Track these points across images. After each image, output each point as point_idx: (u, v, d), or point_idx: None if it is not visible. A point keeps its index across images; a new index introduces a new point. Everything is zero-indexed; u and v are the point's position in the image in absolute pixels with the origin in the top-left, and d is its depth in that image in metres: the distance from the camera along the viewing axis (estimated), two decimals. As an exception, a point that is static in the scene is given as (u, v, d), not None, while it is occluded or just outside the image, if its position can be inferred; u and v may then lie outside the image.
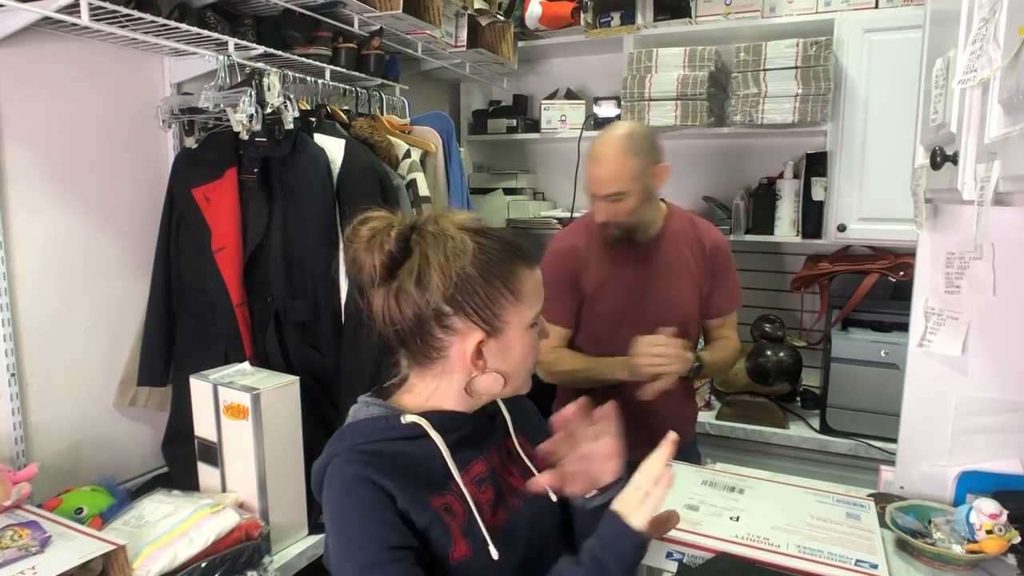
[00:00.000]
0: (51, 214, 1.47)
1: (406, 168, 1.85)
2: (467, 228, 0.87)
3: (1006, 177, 0.71)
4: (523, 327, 0.89)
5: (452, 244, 0.85)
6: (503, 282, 0.86)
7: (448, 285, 0.83)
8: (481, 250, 0.85)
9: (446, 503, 0.86)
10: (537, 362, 1.47)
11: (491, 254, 0.86)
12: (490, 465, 0.94)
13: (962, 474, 1.36)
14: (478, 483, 0.91)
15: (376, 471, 0.83)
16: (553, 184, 3.02)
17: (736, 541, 1.18)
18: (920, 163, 1.20)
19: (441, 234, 0.86)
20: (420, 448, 0.88)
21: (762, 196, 2.48)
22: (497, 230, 0.92)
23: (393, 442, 0.87)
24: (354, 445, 0.87)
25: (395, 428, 0.88)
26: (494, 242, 0.87)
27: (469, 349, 0.86)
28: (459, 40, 2.28)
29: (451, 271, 0.83)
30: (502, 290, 0.86)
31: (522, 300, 0.88)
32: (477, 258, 0.85)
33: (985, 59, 0.76)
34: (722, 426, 2.30)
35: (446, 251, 0.84)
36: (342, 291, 1.60)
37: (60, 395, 1.51)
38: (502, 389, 0.92)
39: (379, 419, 0.90)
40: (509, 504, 0.94)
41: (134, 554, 1.15)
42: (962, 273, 1.35)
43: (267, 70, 1.57)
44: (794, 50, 2.16)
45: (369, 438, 0.88)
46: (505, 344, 0.88)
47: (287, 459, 1.42)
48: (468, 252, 0.84)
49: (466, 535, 0.86)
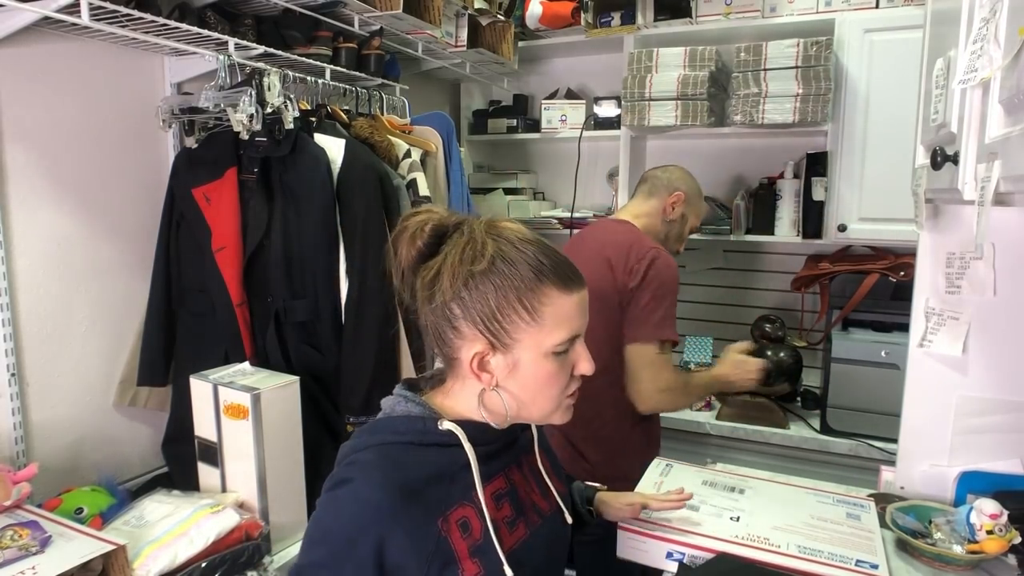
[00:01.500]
0: (51, 214, 1.47)
1: (406, 168, 1.85)
2: (503, 236, 0.84)
3: (1006, 177, 0.71)
4: (540, 351, 0.83)
5: (472, 247, 0.83)
6: (519, 297, 0.82)
7: (456, 287, 0.82)
8: (504, 259, 0.82)
9: (463, 518, 0.83)
10: (664, 389, 1.60)
11: (514, 266, 0.82)
12: (510, 482, 0.93)
13: (962, 474, 1.36)
14: (496, 499, 0.89)
15: (393, 492, 0.78)
16: (553, 184, 3.02)
17: (736, 541, 1.18)
18: (920, 163, 1.20)
19: (471, 236, 0.84)
20: (449, 458, 0.85)
21: (762, 196, 2.48)
22: (544, 247, 0.85)
23: (425, 448, 0.84)
24: (386, 442, 0.84)
25: (431, 433, 0.85)
26: (525, 255, 0.83)
27: (471, 357, 0.84)
28: (459, 40, 2.28)
29: (461, 273, 0.82)
30: (515, 305, 0.82)
31: (540, 321, 0.82)
32: (495, 266, 0.82)
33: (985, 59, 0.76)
34: (722, 426, 2.30)
35: (463, 253, 0.83)
36: (342, 291, 1.60)
37: (60, 395, 1.51)
38: (518, 413, 0.88)
39: (416, 419, 0.87)
40: (529, 520, 0.92)
41: (134, 554, 1.15)
42: (962, 273, 1.35)
43: (267, 70, 1.57)
44: (794, 50, 2.16)
45: (403, 437, 0.85)
46: (513, 363, 0.84)
47: (287, 459, 1.42)
48: (486, 258, 0.82)
49: (477, 555, 0.82)
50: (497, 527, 0.85)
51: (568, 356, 0.86)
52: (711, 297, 2.80)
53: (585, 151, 2.72)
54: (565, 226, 2.73)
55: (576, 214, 2.74)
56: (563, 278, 0.83)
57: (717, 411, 2.36)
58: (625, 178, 2.60)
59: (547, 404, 0.87)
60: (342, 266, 1.60)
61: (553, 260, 0.84)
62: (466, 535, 0.82)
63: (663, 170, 1.84)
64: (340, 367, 1.60)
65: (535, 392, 0.86)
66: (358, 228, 1.60)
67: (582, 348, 0.87)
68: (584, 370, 0.87)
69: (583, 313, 0.86)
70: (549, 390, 0.86)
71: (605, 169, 2.84)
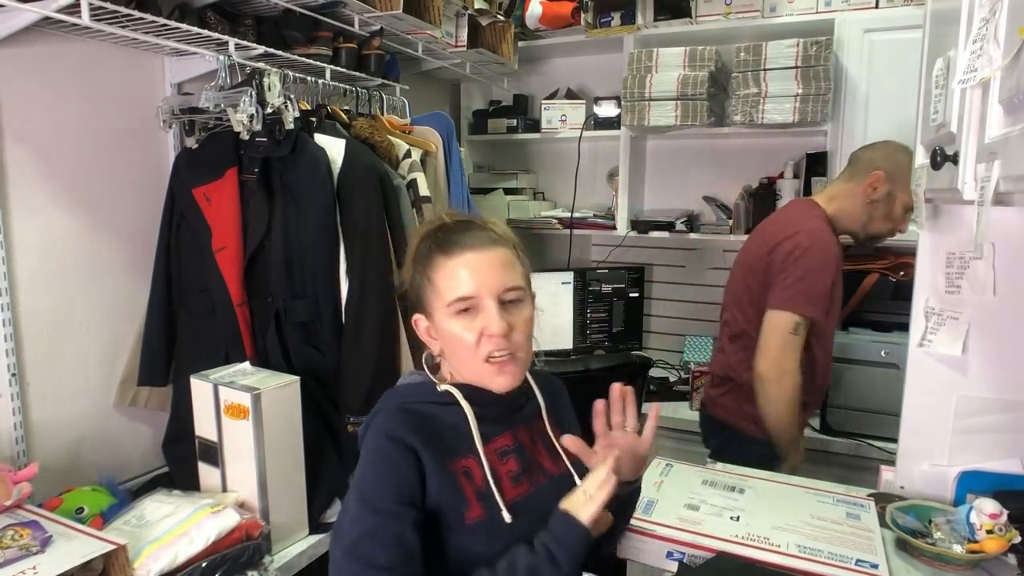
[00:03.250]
0: (52, 214, 1.47)
1: (406, 168, 1.85)
2: (428, 228, 1.02)
3: (1006, 177, 0.71)
4: (443, 312, 0.95)
5: (413, 241, 1.02)
6: (424, 268, 0.98)
7: (406, 273, 1.03)
8: (420, 244, 1.00)
9: (467, 467, 0.94)
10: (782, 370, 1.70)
11: (420, 245, 1.00)
12: (517, 440, 1.01)
13: (962, 474, 1.36)
14: (501, 454, 0.98)
15: (408, 429, 0.92)
16: (553, 184, 3.02)
17: (736, 541, 1.18)
18: (920, 163, 1.20)
19: (412, 235, 1.05)
20: (449, 413, 0.97)
21: (762, 196, 2.48)
22: (439, 223, 1.01)
23: (428, 404, 0.98)
24: (395, 403, 0.99)
25: (431, 393, 0.99)
26: (429, 233, 1.00)
27: (418, 328, 1.02)
28: (459, 40, 2.28)
29: (407, 266, 1.02)
30: (422, 276, 0.98)
31: (435, 285, 0.96)
32: (416, 249, 1.00)
33: (985, 59, 0.76)
34: (722, 426, 2.29)
35: (411, 246, 1.03)
36: (343, 291, 1.60)
37: (61, 395, 1.51)
38: (461, 373, 0.99)
39: (420, 384, 1.02)
40: (534, 478, 1.00)
41: (135, 554, 1.15)
42: (962, 273, 1.35)
43: (267, 70, 1.57)
44: (794, 50, 2.16)
45: (409, 398, 0.99)
46: (436, 326, 0.98)
47: (287, 459, 1.42)
48: (413, 245, 1.01)
49: (482, 500, 0.93)
50: (499, 478, 0.96)
51: (475, 316, 0.94)
52: (711, 297, 2.80)
53: (585, 151, 2.72)
54: (565, 226, 2.74)
55: (576, 214, 2.74)
56: (444, 246, 0.96)
57: (717, 411, 2.36)
58: (625, 178, 2.61)
59: (467, 364, 0.97)
60: (342, 266, 1.60)
61: (441, 232, 0.98)
62: (470, 481, 0.94)
63: (868, 148, 1.85)
64: (340, 367, 1.60)
65: (454, 350, 0.97)
66: (358, 228, 1.60)
67: (491, 311, 0.94)
68: (490, 329, 0.93)
69: (476, 273, 0.94)
70: (462, 349, 0.95)
71: (605, 169, 2.84)
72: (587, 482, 0.92)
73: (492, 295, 0.94)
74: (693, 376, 2.39)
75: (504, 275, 0.95)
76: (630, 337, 2.76)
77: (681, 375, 2.66)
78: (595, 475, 0.92)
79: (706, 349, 2.68)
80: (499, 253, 0.96)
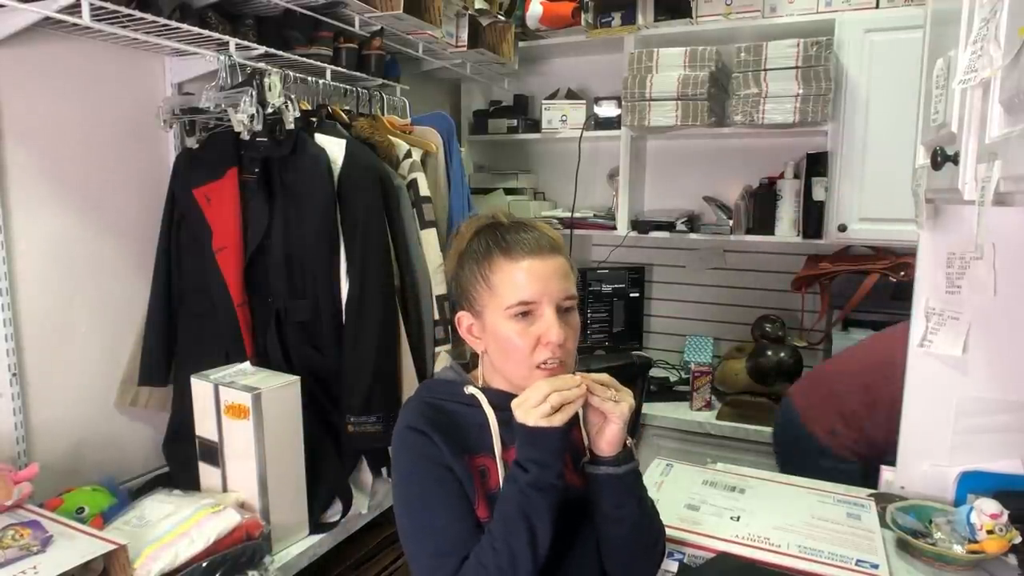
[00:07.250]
0: (52, 214, 1.47)
1: (407, 168, 1.85)
2: (472, 220, 1.04)
3: (1007, 177, 0.71)
4: (498, 314, 0.96)
5: (458, 237, 1.04)
6: (478, 268, 0.98)
7: (449, 271, 1.05)
8: (472, 240, 1.01)
9: (484, 466, 0.97)
10: None
11: (475, 244, 1.00)
12: None
13: (963, 474, 1.36)
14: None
15: (426, 422, 0.96)
16: (554, 184, 3.02)
17: (737, 541, 1.18)
18: (921, 163, 1.20)
19: (458, 228, 1.06)
20: (474, 414, 0.99)
21: (763, 196, 2.48)
22: (497, 225, 1.01)
23: (454, 403, 1.01)
24: (421, 397, 1.03)
25: (458, 395, 1.01)
26: (487, 233, 1.00)
27: (462, 325, 1.03)
28: (460, 40, 2.28)
29: (451, 259, 1.04)
30: (476, 275, 0.98)
31: (491, 286, 0.97)
32: (467, 248, 1.01)
33: (986, 59, 0.76)
34: (722, 426, 2.30)
35: (452, 241, 1.05)
36: (343, 291, 1.60)
37: (61, 395, 1.51)
38: (504, 374, 1.00)
39: (450, 382, 1.04)
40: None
41: (135, 554, 1.15)
42: (963, 273, 1.35)
43: (268, 70, 1.57)
44: (794, 50, 2.16)
45: (437, 395, 1.03)
46: (485, 326, 0.99)
47: (288, 459, 1.42)
48: (463, 243, 1.02)
49: (490, 504, 0.94)
50: None
51: (532, 322, 0.95)
52: (711, 297, 2.80)
53: (585, 151, 2.72)
54: (565, 226, 2.73)
55: (576, 214, 2.74)
56: (507, 249, 0.97)
57: (717, 411, 2.36)
58: (625, 178, 2.61)
59: (517, 368, 0.97)
60: (343, 266, 1.60)
61: (504, 234, 0.98)
62: (484, 482, 0.96)
63: None
64: (341, 367, 1.60)
65: (504, 353, 0.98)
66: (359, 228, 1.60)
67: (550, 319, 0.94)
68: (549, 337, 0.94)
69: (538, 280, 0.95)
70: (515, 352, 0.96)
71: (605, 169, 2.84)
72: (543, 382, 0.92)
73: (552, 303, 0.95)
74: (693, 376, 2.39)
75: (563, 284, 0.97)
76: (630, 337, 2.76)
77: (681, 375, 2.66)
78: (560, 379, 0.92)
79: (706, 349, 2.68)
80: (559, 262, 0.98)
